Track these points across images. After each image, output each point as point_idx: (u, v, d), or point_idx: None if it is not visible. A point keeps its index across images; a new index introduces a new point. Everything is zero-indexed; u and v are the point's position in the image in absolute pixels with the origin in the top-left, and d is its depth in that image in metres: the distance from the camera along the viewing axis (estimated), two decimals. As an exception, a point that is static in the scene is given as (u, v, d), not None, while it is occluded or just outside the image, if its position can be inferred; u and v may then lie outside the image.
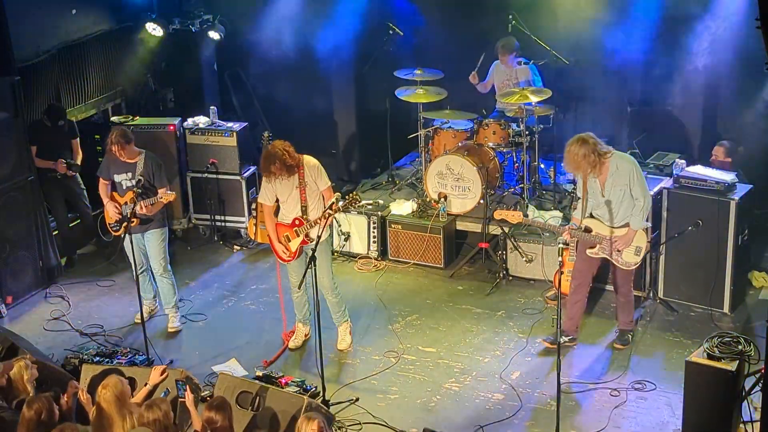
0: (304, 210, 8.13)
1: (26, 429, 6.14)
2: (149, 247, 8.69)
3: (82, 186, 10.22)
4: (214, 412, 6.18)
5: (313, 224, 8.07)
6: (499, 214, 8.36)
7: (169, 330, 8.82)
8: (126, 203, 8.49)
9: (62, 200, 10.12)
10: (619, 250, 7.96)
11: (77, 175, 10.09)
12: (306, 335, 8.63)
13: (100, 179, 8.75)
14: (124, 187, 8.60)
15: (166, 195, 8.47)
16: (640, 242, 7.97)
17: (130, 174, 8.57)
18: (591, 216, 8.04)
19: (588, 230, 7.99)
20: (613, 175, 7.84)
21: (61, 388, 6.97)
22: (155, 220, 8.64)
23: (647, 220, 8.11)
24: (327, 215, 7.98)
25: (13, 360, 7.07)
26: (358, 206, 8.73)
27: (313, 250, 7.77)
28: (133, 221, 8.35)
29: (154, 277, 8.92)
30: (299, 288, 8.20)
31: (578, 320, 8.37)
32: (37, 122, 9.90)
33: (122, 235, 8.34)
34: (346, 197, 8.05)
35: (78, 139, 10.11)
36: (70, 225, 10.32)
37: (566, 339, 8.29)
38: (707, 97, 10.39)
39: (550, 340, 8.37)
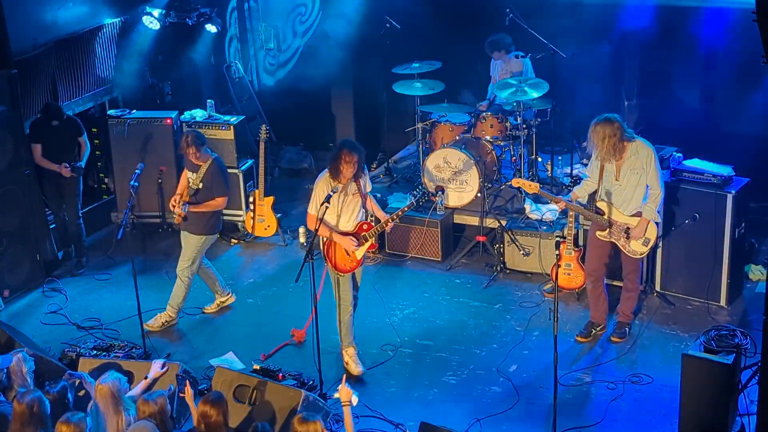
0: (366, 215, 7.90)
1: (19, 423, 6.13)
2: (183, 245, 8.79)
3: (80, 188, 10.01)
4: (209, 406, 6.15)
5: (383, 226, 7.81)
6: (517, 182, 8.28)
7: (144, 325, 8.48)
8: (182, 200, 8.68)
9: (58, 195, 10.05)
10: (628, 238, 7.96)
11: (79, 176, 9.90)
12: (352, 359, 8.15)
13: (185, 169, 8.88)
14: (189, 184, 8.75)
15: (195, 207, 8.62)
16: (650, 234, 7.96)
17: (195, 174, 8.70)
18: (603, 200, 8.01)
19: (600, 212, 7.99)
20: (631, 158, 7.79)
21: (69, 384, 6.99)
22: (196, 224, 8.68)
23: (658, 212, 8.06)
24: (399, 215, 7.84)
25: (10, 353, 7.07)
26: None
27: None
28: (177, 218, 8.69)
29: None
30: (353, 305, 7.96)
31: (605, 310, 8.40)
32: (38, 120, 9.82)
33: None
34: (416, 194, 7.93)
35: (83, 135, 10.00)
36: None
37: (598, 329, 8.38)
38: (705, 91, 10.40)
39: (583, 333, 8.38)
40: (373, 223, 7.92)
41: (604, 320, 8.43)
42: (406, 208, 7.87)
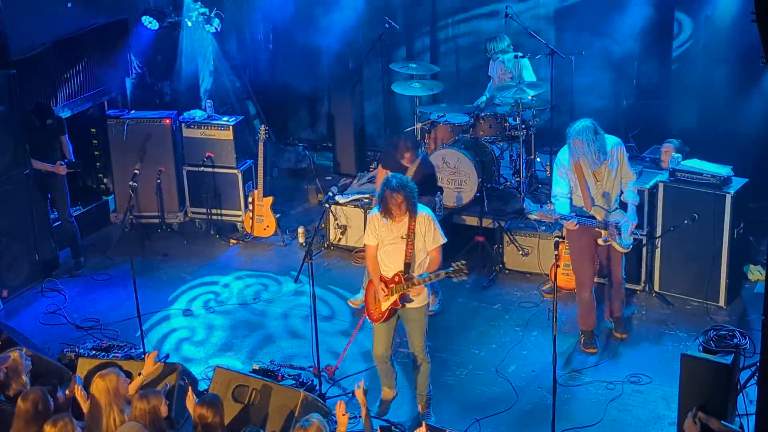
0: (407, 267, 6.93)
1: (23, 421, 6.14)
2: None
3: (67, 187, 9.92)
4: (205, 408, 6.12)
5: (412, 285, 6.92)
6: (535, 216, 7.94)
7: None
8: None
9: (45, 197, 9.96)
10: (620, 234, 7.95)
11: (64, 175, 9.82)
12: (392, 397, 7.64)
13: (382, 167, 8.82)
14: None
15: None
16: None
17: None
18: (596, 207, 7.98)
19: (594, 219, 7.99)
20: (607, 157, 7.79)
21: (58, 381, 6.98)
22: None
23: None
24: (433, 277, 6.95)
25: (7, 351, 7.07)
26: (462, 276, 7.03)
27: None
28: None
29: None
30: (385, 360, 7.34)
31: (593, 316, 8.29)
32: (26, 120, 9.71)
33: None
34: (452, 266, 6.86)
35: (66, 135, 9.90)
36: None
37: (593, 336, 8.30)
38: (703, 91, 10.40)
39: (589, 345, 8.29)
40: (405, 278, 6.99)
41: (595, 324, 8.38)
42: (433, 277, 6.95)
